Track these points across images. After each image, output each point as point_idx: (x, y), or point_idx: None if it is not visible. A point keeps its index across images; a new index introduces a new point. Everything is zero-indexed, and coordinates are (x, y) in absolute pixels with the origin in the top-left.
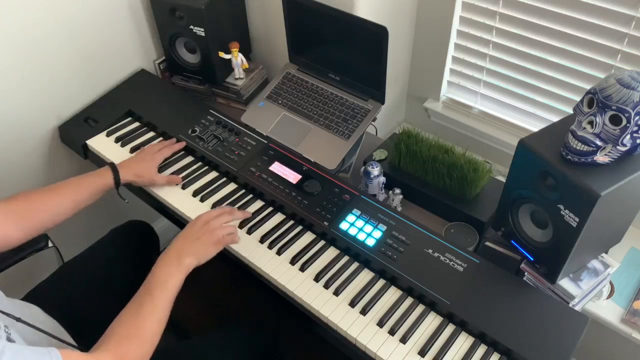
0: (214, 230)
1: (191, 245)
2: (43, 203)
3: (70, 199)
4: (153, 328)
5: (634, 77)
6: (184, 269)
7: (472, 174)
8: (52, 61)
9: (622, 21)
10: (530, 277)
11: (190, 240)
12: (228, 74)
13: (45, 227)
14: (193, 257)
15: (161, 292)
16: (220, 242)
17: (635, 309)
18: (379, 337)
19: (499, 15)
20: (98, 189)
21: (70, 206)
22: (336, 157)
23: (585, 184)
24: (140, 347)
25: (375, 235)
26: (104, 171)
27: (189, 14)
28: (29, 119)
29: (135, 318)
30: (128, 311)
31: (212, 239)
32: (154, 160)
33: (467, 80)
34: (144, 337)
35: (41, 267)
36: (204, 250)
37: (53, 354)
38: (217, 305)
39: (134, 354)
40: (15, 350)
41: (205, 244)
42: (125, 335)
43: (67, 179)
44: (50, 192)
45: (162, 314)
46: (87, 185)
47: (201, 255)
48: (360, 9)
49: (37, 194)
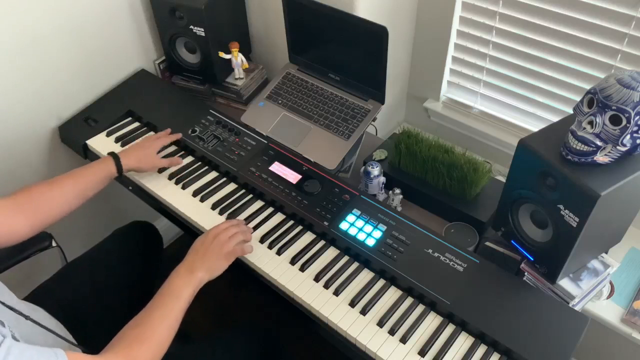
0: (223, 244)
1: (202, 260)
2: (48, 195)
3: (75, 190)
4: (164, 334)
5: (634, 77)
6: (195, 283)
7: (472, 174)
8: (52, 61)
9: (622, 21)
10: (530, 277)
11: (201, 255)
12: (228, 74)
13: (51, 219)
14: (205, 271)
15: (173, 300)
16: (231, 254)
17: (635, 309)
18: (379, 337)
19: (499, 15)
20: (101, 177)
21: (75, 197)
22: (336, 157)
23: (585, 184)
24: (150, 351)
25: (375, 235)
26: (106, 160)
27: (189, 14)
28: (29, 119)
29: (147, 323)
30: (140, 316)
31: (222, 252)
32: (152, 146)
33: (467, 80)
34: (154, 342)
35: (44, 267)
36: (216, 264)
37: (59, 354)
38: (217, 306)
39: (144, 357)
40: (21, 349)
41: (217, 258)
42: (136, 339)
43: (70, 171)
44: (55, 184)
45: (173, 322)
46: (90, 174)
47: (213, 269)
48: (360, 9)
49: (41, 186)
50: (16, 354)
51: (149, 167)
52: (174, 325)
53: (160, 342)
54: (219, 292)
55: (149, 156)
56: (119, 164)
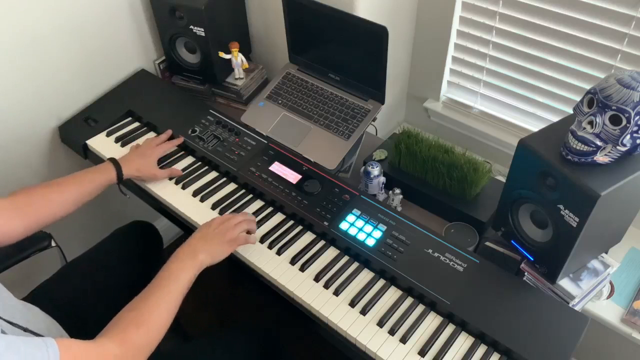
0: (227, 230)
1: (205, 243)
2: (46, 198)
3: (73, 195)
4: (162, 317)
5: (634, 77)
6: (196, 265)
7: (472, 174)
8: (52, 61)
9: (622, 21)
10: (530, 277)
11: (205, 239)
12: (228, 74)
13: (47, 221)
14: (207, 254)
15: (172, 283)
16: (235, 241)
17: (635, 309)
18: (379, 337)
19: (499, 15)
20: (101, 184)
21: (73, 201)
22: (336, 157)
23: (585, 184)
24: (147, 335)
25: (375, 235)
26: (107, 166)
27: (189, 14)
28: (29, 119)
29: (144, 306)
30: (137, 300)
31: (226, 238)
32: (153, 154)
33: (467, 80)
34: (151, 326)
35: (44, 267)
36: (218, 249)
37: (49, 343)
38: (217, 306)
39: (140, 341)
40: (9, 341)
41: (220, 243)
42: (131, 323)
43: (70, 175)
44: (53, 187)
45: (171, 305)
46: (90, 180)
47: (215, 254)
48: (360, 9)
49: (40, 189)
50: (4, 345)
51: (148, 177)
52: (173, 309)
53: (158, 326)
54: (219, 292)
55: (148, 165)
56: (120, 171)
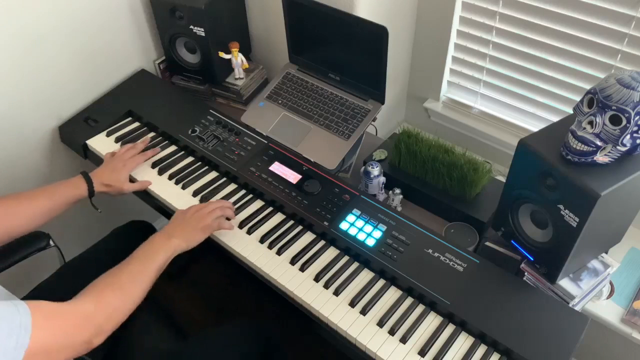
0: (201, 217)
1: (180, 229)
2: (17, 210)
3: (43, 208)
4: (135, 289)
5: (634, 77)
6: (171, 248)
7: (472, 174)
8: (53, 61)
9: (622, 21)
10: (530, 277)
11: (180, 225)
12: (228, 74)
13: (15, 234)
14: (182, 239)
15: (148, 261)
16: (209, 227)
17: (635, 309)
18: (379, 337)
19: (499, 15)
20: (72, 199)
21: (41, 215)
22: (336, 157)
23: (585, 184)
24: (122, 299)
25: (375, 235)
26: (78, 181)
27: (189, 14)
28: (29, 119)
29: (120, 275)
30: (114, 269)
31: (200, 225)
32: (125, 168)
33: (467, 80)
34: (126, 291)
35: (42, 267)
36: (192, 235)
37: (18, 303)
38: (217, 306)
39: (115, 303)
40: None
41: (194, 229)
42: (108, 286)
43: (41, 187)
44: (25, 199)
45: (145, 279)
46: (61, 195)
47: (189, 239)
48: (360, 9)
49: (11, 199)
50: None
51: (116, 192)
52: (146, 285)
53: (131, 296)
54: (219, 291)
55: (119, 181)
56: (91, 186)
